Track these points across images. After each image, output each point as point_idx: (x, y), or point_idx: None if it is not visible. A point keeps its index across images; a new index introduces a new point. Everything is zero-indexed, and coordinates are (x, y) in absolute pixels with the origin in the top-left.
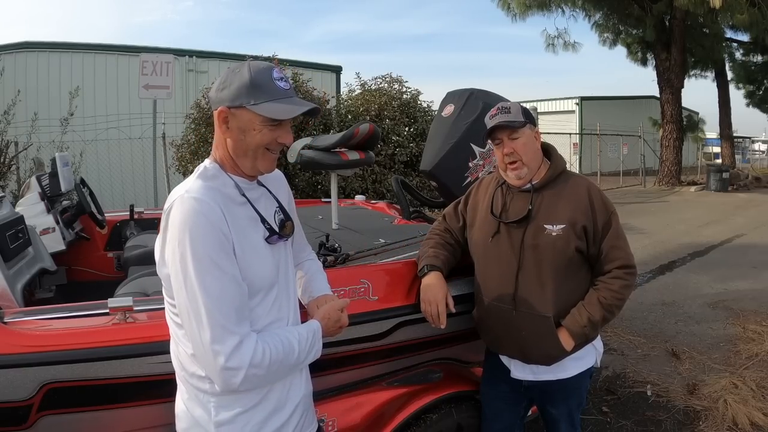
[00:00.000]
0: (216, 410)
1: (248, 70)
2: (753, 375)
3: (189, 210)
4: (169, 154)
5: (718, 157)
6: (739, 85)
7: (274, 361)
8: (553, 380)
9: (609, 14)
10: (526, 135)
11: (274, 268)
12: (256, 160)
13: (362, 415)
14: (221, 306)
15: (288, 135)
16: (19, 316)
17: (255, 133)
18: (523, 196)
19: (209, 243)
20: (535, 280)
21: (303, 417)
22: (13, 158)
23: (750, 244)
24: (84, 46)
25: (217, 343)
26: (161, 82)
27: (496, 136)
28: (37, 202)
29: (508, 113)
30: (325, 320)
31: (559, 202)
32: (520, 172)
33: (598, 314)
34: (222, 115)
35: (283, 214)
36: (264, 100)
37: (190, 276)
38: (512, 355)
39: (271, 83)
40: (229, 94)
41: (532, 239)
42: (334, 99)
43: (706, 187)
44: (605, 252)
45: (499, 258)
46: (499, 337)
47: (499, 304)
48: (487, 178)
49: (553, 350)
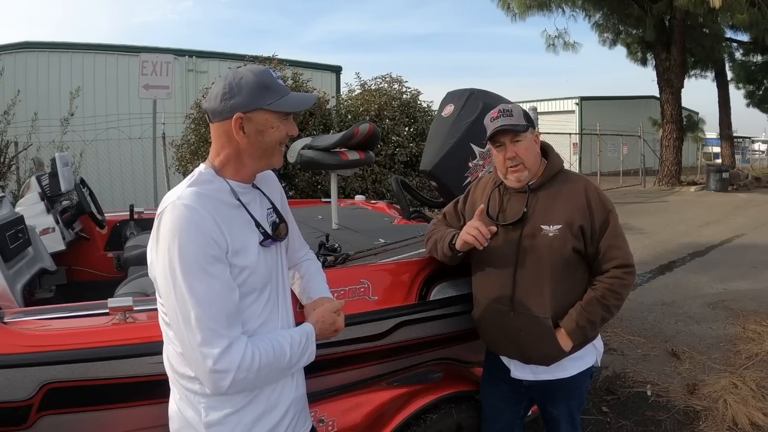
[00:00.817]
0: (206, 411)
1: (252, 74)
2: (753, 375)
3: (179, 217)
4: (169, 154)
5: (718, 157)
6: (739, 85)
7: (264, 365)
8: (553, 380)
9: (609, 14)
10: (528, 139)
11: (267, 270)
12: (273, 157)
13: (362, 415)
14: (210, 310)
15: (295, 127)
16: (19, 316)
17: (273, 130)
18: (519, 197)
19: (198, 249)
20: (532, 281)
21: (295, 419)
22: (13, 158)
23: (750, 244)
24: (84, 46)
25: (206, 346)
26: (161, 82)
27: (497, 140)
28: (37, 202)
29: (510, 116)
30: (319, 323)
31: (556, 202)
32: (521, 175)
33: (597, 314)
34: (238, 122)
35: (276, 215)
36: (277, 98)
37: (178, 281)
38: (511, 356)
39: (276, 82)
40: (242, 100)
41: (529, 240)
42: (334, 99)
43: (706, 187)
44: (603, 251)
45: (497, 259)
46: (497, 337)
47: (497, 305)
48: (486, 177)
49: (552, 350)
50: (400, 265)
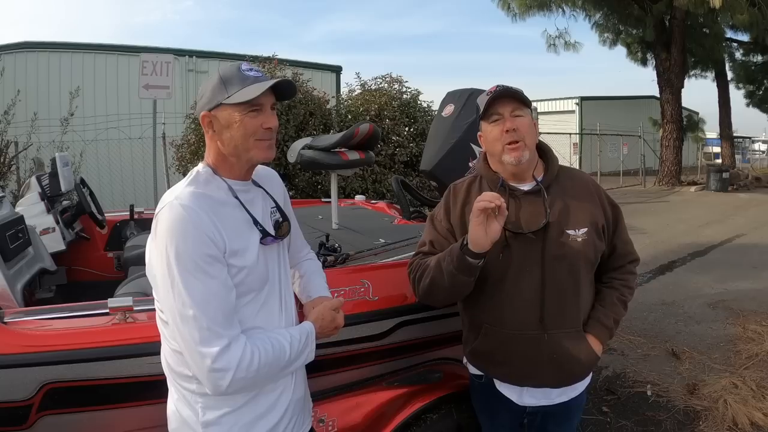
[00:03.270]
0: (203, 410)
1: (218, 72)
2: (753, 375)
3: (176, 217)
4: (169, 154)
5: (718, 157)
6: (739, 85)
7: (263, 364)
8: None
9: (609, 14)
10: (529, 117)
11: (265, 270)
12: (250, 151)
13: (362, 415)
14: (207, 310)
15: (271, 118)
16: (19, 316)
17: (237, 125)
18: (530, 200)
19: (195, 249)
20: (565, 294)
21: (293, 420)
22: (13, 158)
23: (750, 244)
24: (84, 46)
25: (205, 346)
26: (161, 82)
27: (495, 111)
28: (37, 202)
29: (509, 88)
30: (318, 321)
31: (573, 201)
32: (521, 155)
33: (620, 313)
34: (205, 121)
35: (279, 214)
36: (235, 90)
37: (176, 281)
38: (538, 385)
39: (239, 73)
40: (205, 100)
41: (556, 248)
42: (334, 99)
43: (706, 187)
44: (619, 248)
45: (514, 276)
46: (519, 368)
47: (522, 331)
48: (459, 185)
49: (588, 363)
50: (400, 265)
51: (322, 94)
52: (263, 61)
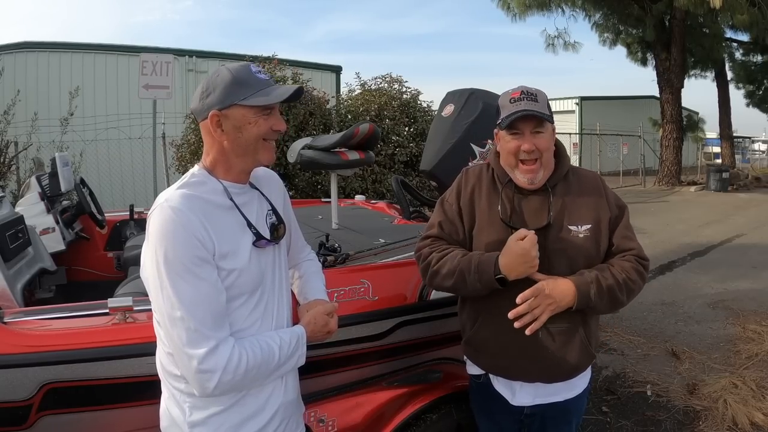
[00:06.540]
0: (190, 410)
1: (228, 71)
2: (753, 375)
3: (165, 219)
4: (169, 154)
5: (718, 157)
6: (739, 85)
7: (251, 366)
8: (562, 401)
9: (609, 14)
10: (549, 132)
11: (259, 273)
12: (257, 153)
13: (362, 415)
14: (196, 311)
15: (281, 121)
16: (19, 316)
17: (251, 126)
18: (536, 197)
19: (184, 252)
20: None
21: (283, 424)
22: (13, 158)
23: (750, 244)
24: (84, 46)
25: (192, 347)
26: (161, 82)
27: (516, 126)
28: (37, 202)
29: (535, 101)
30: (310, 325)
31: (577, 199)
32: (535, 176)
33: (605, 281)
34: (214, 119)
35: (275, 216)
36: (252, 93)
37: (165, 283)
38: (530, 380)
39: (253, 77)
40: (216, 98)
41: (557, 244)
42: (334, 99)
43: (706, 187)
44: (616, 244)
45: None
46: (514, 361)
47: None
48: (472, 170)
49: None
50: (400, 265)
51: (322, 94)
52: (263, 61)
